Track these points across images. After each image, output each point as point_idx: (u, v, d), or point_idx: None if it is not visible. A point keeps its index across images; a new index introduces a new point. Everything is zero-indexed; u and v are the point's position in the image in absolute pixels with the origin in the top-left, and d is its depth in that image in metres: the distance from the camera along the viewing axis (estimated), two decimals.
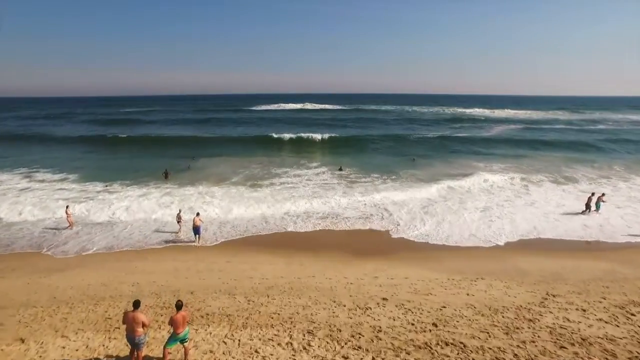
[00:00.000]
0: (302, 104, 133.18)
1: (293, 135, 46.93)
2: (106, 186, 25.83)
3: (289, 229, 17.84)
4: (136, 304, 7.18)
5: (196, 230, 15.84)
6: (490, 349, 7.91)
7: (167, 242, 16.55)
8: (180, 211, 17.63)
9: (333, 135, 48.25)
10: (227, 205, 20.61)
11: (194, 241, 16.12)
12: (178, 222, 17.29)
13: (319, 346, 8.01)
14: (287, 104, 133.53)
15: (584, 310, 9.70)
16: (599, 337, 8.34)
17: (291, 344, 8.09)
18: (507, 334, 8.54)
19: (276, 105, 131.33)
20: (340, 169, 32.22)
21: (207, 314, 9.60)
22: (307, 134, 47.72)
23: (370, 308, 10.01)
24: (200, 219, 16.00)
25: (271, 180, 27.94)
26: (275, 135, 47.24)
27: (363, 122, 72.57)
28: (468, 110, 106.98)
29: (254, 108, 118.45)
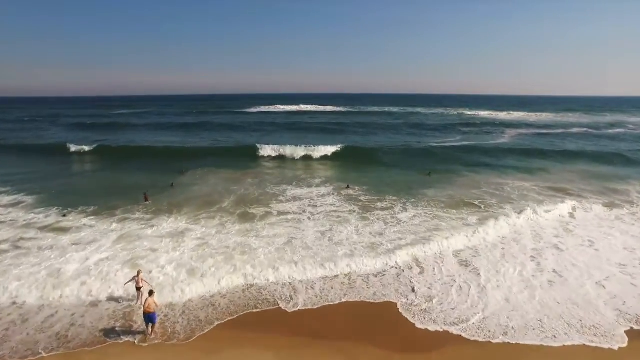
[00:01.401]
0: (299, 106, 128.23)
1: (292, 146, 41.63)
2: (64, 215, 20.96)
3: (290, 305, 12.36)
4: None
5: (149, 317, 10.58)
6: None
7: (115, 331, 10.96)
8: (139, 273, 12.58)
9: (336, 144, 43.48)
10: (205, 263, 14.70)
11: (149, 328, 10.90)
12: (137, 289, 12.36)
13: None
14: (284, 106, 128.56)
15: None
16: None
17: None
18: None
19: (273, 107, 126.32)
20: (348, 187, 27.64)
21: None
22: (307, 144, 42.79)
23: None
24: (154, 301, 10.67)
25: (267, 206, 23.05)
26: (272, 146, 41.94)
27: (366, 127, 67.82)
28: (474, 113, 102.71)
29: (250, 110, 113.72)
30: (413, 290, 13.23)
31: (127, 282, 12.68)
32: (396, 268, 14.84)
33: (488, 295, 12.96)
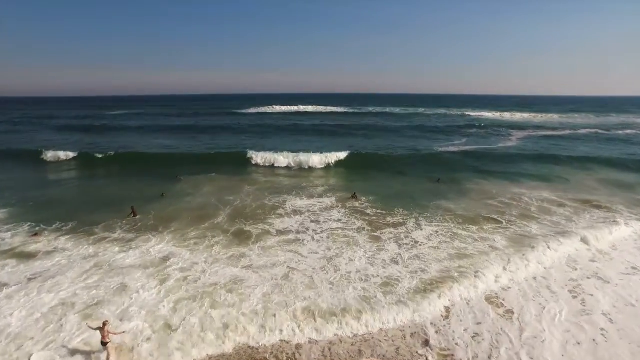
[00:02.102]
0: (298, 107, 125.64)
1: (291, 152, 39.00)
2: (35, 234, 18.57)
3: None
4: None
5: None
6: None
7: None
8: (105, 325, 10.06)
9: (337, 148, 41.19)
10: (185, 310, 11.71)
11: None
12: (103, 344, 9.97)
13: None
14: (283, 106, 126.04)
15: None
16: None
17: None
18: None
19: (271, 107, 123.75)
20: (354, 197, 25.44)
21: None
22: (307, 148, 40.41)
23: None
24: None
25: (264, 221, 20.73)
26: (271, 152, 39.04)
27: (367, 129, 65.27)
28: (477, 114, 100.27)
29: (248, 111, 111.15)
30: (427, 344, 10.70)
31: (91, 327, 10.30)
32: (419, 312, 12.19)
33: (530, 356, 10.35)
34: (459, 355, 10.31)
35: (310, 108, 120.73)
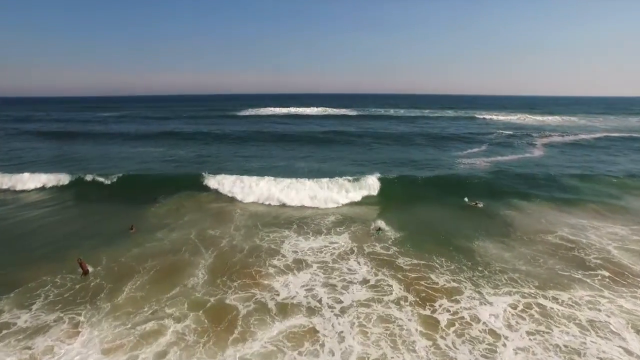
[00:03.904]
0: (295, 109, 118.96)
1: (288, 180, 29.84)
2: None
3: None
4: None
5: None
6: None
7: None
8: None
9: (342, 163, 34.73)
10: None
11: None
12: None
13: None
14: (280, 108, 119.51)
15: None
16: None
17: None
18: None
19: (265, 109, 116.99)
20: (379, 231, 20.04)
21: None
22: (307, 158, 33.66)
23: None
24: None
25: (255, 282, 14.58)
26: (267, 177, 30.37)
27: (373, 137, 57.82)
28: (486, 116, 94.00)
29: (241, 113, 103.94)
30: None
31: None
32: None
33: None
34: None
35: (307, 110, 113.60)
